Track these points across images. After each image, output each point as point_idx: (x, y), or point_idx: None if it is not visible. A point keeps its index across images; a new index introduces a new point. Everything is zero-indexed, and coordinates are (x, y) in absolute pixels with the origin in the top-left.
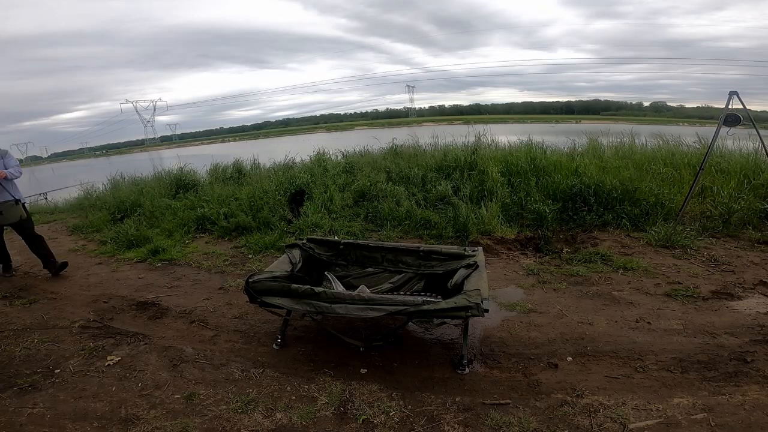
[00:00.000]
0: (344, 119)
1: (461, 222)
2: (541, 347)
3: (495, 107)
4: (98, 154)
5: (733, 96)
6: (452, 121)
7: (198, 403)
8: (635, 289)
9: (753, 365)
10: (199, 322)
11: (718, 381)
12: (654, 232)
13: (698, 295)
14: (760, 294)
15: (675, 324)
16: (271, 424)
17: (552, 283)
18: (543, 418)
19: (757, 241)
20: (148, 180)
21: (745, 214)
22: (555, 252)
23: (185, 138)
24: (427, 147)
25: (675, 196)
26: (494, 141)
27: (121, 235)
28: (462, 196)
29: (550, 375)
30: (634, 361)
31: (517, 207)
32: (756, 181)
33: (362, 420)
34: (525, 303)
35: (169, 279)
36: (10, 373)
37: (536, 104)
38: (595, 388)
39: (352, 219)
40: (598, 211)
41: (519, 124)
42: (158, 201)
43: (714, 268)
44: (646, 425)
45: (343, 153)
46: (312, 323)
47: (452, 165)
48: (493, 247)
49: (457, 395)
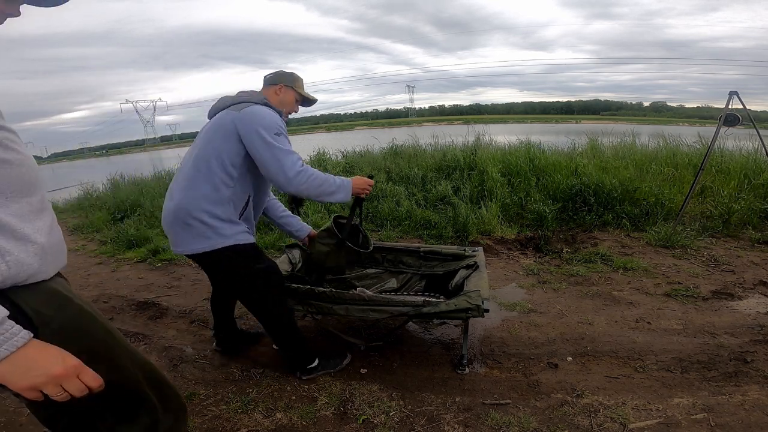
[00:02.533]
0: (344, 119)
1: (461, 222)
2: (541, 347)
3: (495, 107)
4: (98, 154)
5: (733, 96)
6: (452, 121)
7: (198, 403)
8: (635, 289)
9: (753, 365)
10: (199, 322)
11: (718, 381)
12: (654, 232)
13: (698, 295)
14: (760, 294)
15: (675, 324)
16: (271, 424)
17: (552, 283)
18: (543, 418)
19: (757, 241)
20: (148, 180)
21: (745, 214)
22: (555, 252)
23: (185, 138)
24: (427, 147)
25: (675, 196)
26: (494, 141)
27: (121, 235)
28: (462, 196)
29: (550, 375)
30: (634, 361)
31: (517, 207)
32: (756, 181)
33: (362, 420)
34: (525, 303)
35: (169, 279)
36: None
37: (536, 104)
38: (595, 388)
39: None
40: (598, 211)
41: (519, 124)
42: (158, 201)
43: (714, 268)
44: (646, 425)
45: (343, 153)
46: (312, 323)
47: (452, 165)
48: (493, 247)
49: (457, 395)
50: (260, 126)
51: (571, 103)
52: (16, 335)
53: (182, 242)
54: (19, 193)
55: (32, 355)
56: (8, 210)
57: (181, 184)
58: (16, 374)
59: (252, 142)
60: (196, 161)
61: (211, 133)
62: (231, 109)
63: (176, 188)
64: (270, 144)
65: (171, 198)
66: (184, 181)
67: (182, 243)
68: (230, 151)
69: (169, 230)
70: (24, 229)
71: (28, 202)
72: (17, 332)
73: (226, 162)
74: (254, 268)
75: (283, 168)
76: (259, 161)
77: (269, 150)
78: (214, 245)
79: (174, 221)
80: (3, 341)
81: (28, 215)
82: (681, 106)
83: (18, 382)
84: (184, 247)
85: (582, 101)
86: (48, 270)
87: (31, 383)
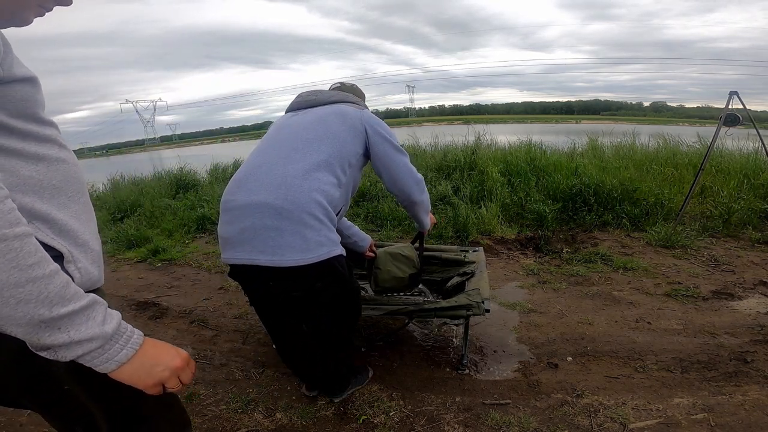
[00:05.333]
0: None
1: (461, 222)
2: (541, 347)
3: (495, 107)
4: (98, 154)
5: (733, 96)
6: (452, 121)
7: (198, 403)
8: (635, 289)
9: (753, 365)
10: (199, 322)
11: (718, 381)
12: (654, 232)
13: (698, 295)
14: (760, 294)
15: (675, 324)
16: (271, 424)
17: (552, 282)
18: (543, 418)
19: (757, 241)
20: (148, 180)
21: (745, 214)
22: (555, 252)
23: (185, 138)
24: (427, 147)
25: (675, 196)
26: (494, 141)
27: (121, 235)
28: (462, 196)
29: (550, 375)
30: (634, 361)
31: (517, 207)
32: (756, 181)
33: (362, 420)
34: (525, 303)
35: (169, 279)
36: None
37: (536, 104)
38: (595, 388)
39: (353, 219)
40: (598, 211)
41: (519, 124)
42: (158, 201)
43: (714, 268)
44: (646, 425)
45: None
46: None
47: (452, 165)
48: (493, 247)
49: (457, 395)
50: (388, 133)
51: (571, 103)
52: (134, 335)
53: (290, 247)
54: (77, 193)
55: (151, 353)
56: (70, 211)
57: (291, 170)
58: (143, 372)
59: (382, 145)
60: (314, 144)
61: (333, 124)
62: (347, 106)
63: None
64: (401, 150)
65: (269, 186)
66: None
67: (290, 248)
68: (352, 149)
69: (261, 231)
70: (84, 235)
71: (84, 202)
72: (134, 332)
73: (344, 159)
74: (353, 285)
75: (414, 174)
76: (388, 166)
77: (401, 156)
78: (331, 252)
79: (280, 216)
80: (126, 342)
81: (83, 216)
82: (681, 106)
83: (146, 380)
84: (294, 255)
85: (582, 101)
86: (101, 277)
87: (157, 379)
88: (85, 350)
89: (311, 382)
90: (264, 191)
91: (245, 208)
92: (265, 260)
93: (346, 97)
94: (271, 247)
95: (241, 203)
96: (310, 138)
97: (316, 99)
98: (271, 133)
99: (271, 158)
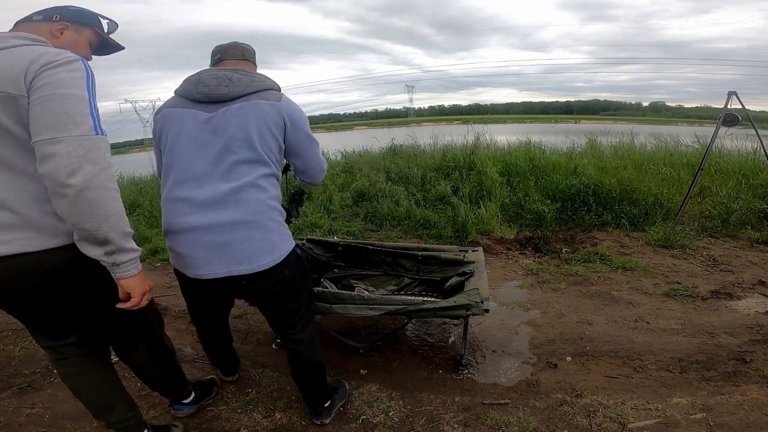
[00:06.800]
0: (344, 119)
1: (460, 222)
2: (540, 347)
3: (494, 107)
4: None
5: (732, 96)
6: (451, 121)
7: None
8: (634, 289)
9: (752, 365)
10: None
11: (717, 381)
12: (653, 232)
13: (697, 295)
14: (759, 294)
15: (674, 324)
16: (270, 424)
17: (551, 282)
18: (542, 418)
19: (755, 241)
20: (147, 180)
21: (744, 214)
22: (554, 252)
23: None
24: (426, 147)
25: (674, 196)
26: (493, 141)
27: None
28: (461, 196)
29: (550, 375)
30: (633, 360)
31: (516, 207)
32: (755, 181)
33: (362, 420)
34: (524, 303)
35: (169, 279)
36: (8, 372)
37: (535, 104)
38: (595, 387)
39: (352, 219)
40: (597, 211)
41: (518, 124)
42: (157, 201)
43: (713, 268)
44: (645, 425)
45: (342, 153)
46: None
47: (451, 165)
48: (492, 247)
49: (457, 395)
50: (304, 123)
51: (570, 103)
52: (138, 264)
53: (263, 252)
54: None
55: (142, 276)
56: None
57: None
58: (138, 284)
59: (299, 137)
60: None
61: (258, 128)
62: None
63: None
64: (314, 140)
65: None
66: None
67: (263, 253)
68: (278, 146)
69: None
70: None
71: None
72: (138, 263)
73: (274, 155)
74: (309, 274)
75: (322, 164)
76: (302, 155)
77: (315, 146)
78: (291, 244)
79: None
80: (136, 265)
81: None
82: (680, 106)
83: (140, 288)
84: (267, 258)
85: (581, 101)
86: None
87: (144, 290)
88: (129, 257)
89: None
90: (222, 209)
91: (210, 228)
92: (246, 269)
93: (259, 86)
94: (247, 256)
95: (203, 223)
96: (240, 145)
97: (228, 92)
98: (188, 138)
99: (209, 172)
